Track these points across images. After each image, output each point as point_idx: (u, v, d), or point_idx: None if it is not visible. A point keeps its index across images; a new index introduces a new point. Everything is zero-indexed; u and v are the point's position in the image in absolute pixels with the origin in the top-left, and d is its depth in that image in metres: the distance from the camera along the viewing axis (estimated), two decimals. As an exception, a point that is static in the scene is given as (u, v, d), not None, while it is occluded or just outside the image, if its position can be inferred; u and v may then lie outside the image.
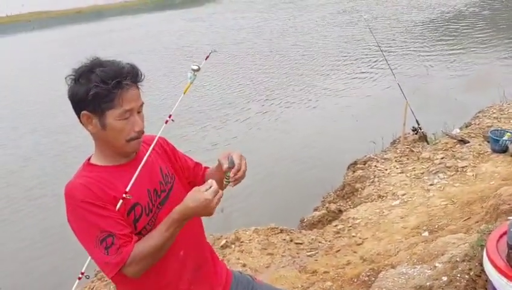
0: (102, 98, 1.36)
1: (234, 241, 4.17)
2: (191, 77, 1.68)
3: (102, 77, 1.35)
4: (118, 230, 1.38)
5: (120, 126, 1.40)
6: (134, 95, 1.41)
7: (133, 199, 1.44)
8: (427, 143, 5.87)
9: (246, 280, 1.80)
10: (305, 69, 12.54)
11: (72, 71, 1.41)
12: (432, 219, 3.99)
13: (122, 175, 1.46)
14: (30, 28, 33.23)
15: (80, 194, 1.37)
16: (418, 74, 10.53)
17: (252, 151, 7.79)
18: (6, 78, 16.61)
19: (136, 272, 1.40)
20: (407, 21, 17.48)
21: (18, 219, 6.56)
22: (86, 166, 1.48)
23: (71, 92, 1.41)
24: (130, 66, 1.42)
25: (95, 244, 1.37)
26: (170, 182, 1.59)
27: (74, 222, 1.41)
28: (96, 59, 1.42)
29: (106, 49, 18.78)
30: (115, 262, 1.37)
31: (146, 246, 1.40)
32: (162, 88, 12.02)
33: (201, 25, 23.32)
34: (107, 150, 1.47)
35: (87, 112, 1.39)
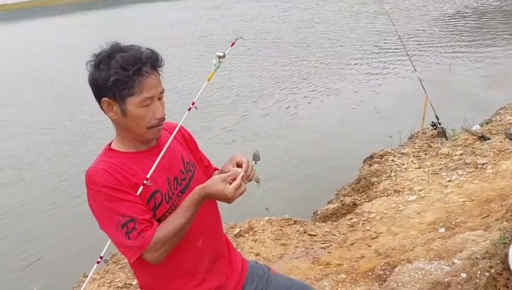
0: (122, 84, 1.34)
1: (248, 231, 4.17)
2: (216, 64, 1.64)
3: (122, 63, 1.33)
4: (139, 215, 1.37)
5: (141, 113, 1.39)
6: (154, 82, 1.39)
7: (153, 186, 1.42)
8: (445, 139, 5.76)
9: (261, 270, 1.78)
10: (328, 59, 12.46)
11: (92, 56, 1.39)
12: (449, 215, 3.92)
13: (143, 162, 1.45)
14: (51, 13, 33.63)
15: (101, 179, 1.36)
16: (441, 68, 10.36)
17: (268, 141, 7.80)
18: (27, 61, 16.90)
19: (157, 257, 1.39)
20: (432, 13, 17.16)
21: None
22: (106, 151, 1.47)
23: (91, 78, 1.39)
24: (149, 51, 1.39)
25: (116, 229, 1.36)
26: (191, 171, 1.57)
27: (95, 206, 1.40)
28: (116, 44, 1.40)
29: (129, 35, 18.94)
30: (136, 247, 1.36)
31: (167, 229, 1.39)
32: (185, 75, 12.08)
33: (224, 13, 23.26)
34: (128, 136, 1.45)
35: (107, 99, 1.38)
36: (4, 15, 37.71)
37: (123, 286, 3.54)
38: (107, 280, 3.61)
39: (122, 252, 1.44)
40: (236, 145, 7.75)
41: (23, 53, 18.81)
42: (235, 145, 7.73)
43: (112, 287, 3.56)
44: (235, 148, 7.57)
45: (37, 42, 21.41)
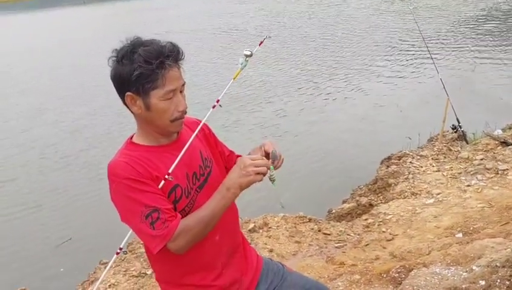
0: (145, 78, 1.35)
1: (262, 226, 4.17)
2: (243, 62, 1.63)
3: (145, 56, 1.34)
4: (162, 205, 1.38)
5: (164, 106, 1.40)
6: (176, 74, 1.40)
7: (174, 181, 1.44)
8: (466, 142, 5.66)
9: (276, 267, 1.79)
10: (351, 57, 12.39)
11: (114, 52, 1.40)
12: (467, 220, 3.86)
13: (164, 155, 1.47)
14: (81, 2, 34.12)
15: (123, 172, 1.38)
16: (464, 70, 10.18)
17: (288, 137, 7.80)
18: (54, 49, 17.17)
19: (182, 247, 1.40)
20: (457, 13, 16.85)
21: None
22: (128, 144, 1.49)
23: (114, 73, 1.40)
24: (171, 44, 1.40)
25: (140, 220, 1.37)
26: (209, 166, 1.59)
27: (118, 199, 1.41)
28: (137, 38, 1.41)
29: (156, 26, 19.27)
30: (161, 235, 1.37)
31: (193, 219, 1.41)
32: (209, 70, 12.10)
33: (249, 7, 23.22)
34: (150, 130, 1.47)
35: (131, 93, 1.39)
36: (31, 3, 38.33)
37: (138, 275, 3.59)
38: (122, 268, 3.66)
39: (146, 242, 1.45)
40: (256, 139, 7.78)
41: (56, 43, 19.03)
42: (254, 140, 7.75)
43: (127, 276, 3.61)
44: (254, 143, 7.59)
45: (66, 32, 21.73)
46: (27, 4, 37.58)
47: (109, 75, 1.42)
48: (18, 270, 5.11)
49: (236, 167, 1.43)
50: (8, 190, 7.06)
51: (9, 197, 6.82)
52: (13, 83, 13.46)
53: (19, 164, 7.83)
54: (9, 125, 9.81)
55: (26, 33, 22.55)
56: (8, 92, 12.55)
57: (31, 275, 4.98)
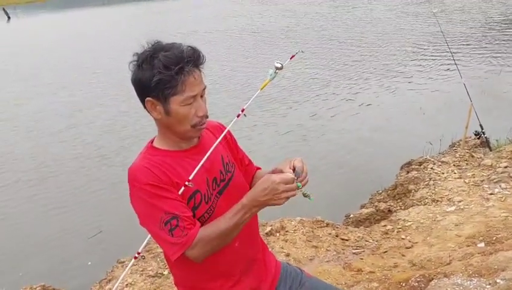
0: (165, 84, 1.35)
1: (279, 230, 4.15)
2: (272, 74, 1.61)
3: (165, 62, 1.33)
4: (181, 212, 1.38)
5: (184, 112, 1.39)
6: (196, 80, 1.39)
7: (193, 187, 1.43)
8: (489, 149, 5.53)
9: (294, 272, 1.77)
10: (376, 60, 12.27)
11: (135, 56, 1.40)
12: (490, 230, 3.76)
13: (185, 161, 1.46)
14: (101, 3, 34.70)
15: (143, 177, 1.37)
16: (490, 74, 9.95)
17: (308, 139, 7.77)
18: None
19: (200, 256, 1.39)
20: (484, 17, 16.50)
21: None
22: (149, 149, 1.49)
23: (134, 78, 1.40)
24: (191, 49, 1.39)
25: (160, 226, 1.37)
26: (231, 171, 1.57)
27: (137, 204, 1.41)
28: (158, 43, 1.40)
29: (182, 27, 19.40)
30: (180, 243, 1.37)
31: (213, 230, 1.40)
32: (235, 74, 12.10)
33: (273, 9, 23.23)
34: (170, 135, 1.46)
35: (151, 99, 1.39)
36: (56, 2, 39.20)
37: (154, 275, 3.61)
38: (139, 267, 3.69)
39: (164, 249, 1.45)
40: (280, 141, 7.82)
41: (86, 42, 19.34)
42: (278, 142, 7.81)
43: (144, 275, 3.63)
44: (277, 145, 7.69)
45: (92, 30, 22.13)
46: (46, 5, 38.49)
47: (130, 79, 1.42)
48: (47, 261, 5.24)
49: (267, 185, 1.36)
50: (49, 184, 7.24)
51: (49, 190, 7.02)
52: (47, 80, 13.63)
53: (62, 160, 8.00)
54: (48, 123, 9.94)
55: (51, 33, 23.01)
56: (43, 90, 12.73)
57: (58, 266, 5.11)
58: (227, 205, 1.47)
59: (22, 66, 15.82)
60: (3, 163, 8.05)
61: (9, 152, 8.52)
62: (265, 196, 1.37)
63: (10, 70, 15.35)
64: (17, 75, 14.45)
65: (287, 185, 1.36)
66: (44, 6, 37.59)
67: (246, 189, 1.55)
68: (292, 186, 1.37)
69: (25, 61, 16.53)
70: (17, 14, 32.58)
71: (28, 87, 12.94)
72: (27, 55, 17.63)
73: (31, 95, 12.09)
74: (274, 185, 1.35)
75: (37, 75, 14.24)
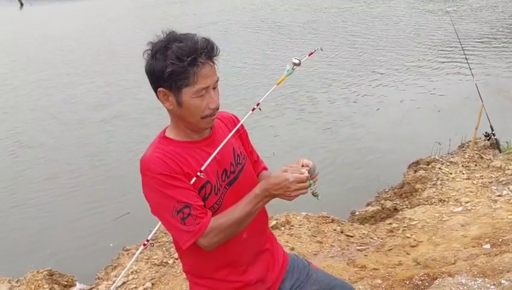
0: (177, 75, 1.35)
1: (284, 224, 4.17)
2: (289, 70, 1.62)
3: (178, 53, 1.33)
4: (194, 201, 1.40)
5: (196, 104, 1.40)
6: (209, 71, 1.39)
7: (205, 177, 1.44)
8: (499, 151, 5.50)
9: (302, 264, 1.79)
10: (387, 57, 12.16)
11: (149, 45, 1.41)
12: (496, 231, 3.75)
13: (196, 152, 1.47)
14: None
15: (156, 167, 1.39)
16: (505, 74, 9.83)
17: (317, 136, 7.76)
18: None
19: (212, 244, 1.42)
20: (499, 14, 16.28)
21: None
22: (161, 138, 1.50)
23: (148, 68, 1.41)
24: (205, 40, 1.39)
25: (172, 215, 1.39)
26: (242, 163, 1.58)
27: (149, 193, 1.43)
28: (172, 33, 1.40)
29: (199, 17, 19.31)
30: (192, 231, 1.39)
31: (225, 219, 1.42)
32: (251, 67, 12.04)
33: (291, 2, 23.15)
34: (182, 126, 1.48)
35: (163, 89, 1.40)
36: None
37: (160, 264, 3.64)
38: (145, 256, 3.73)
39: (176, 237, 1.47)
40: (289, 136, 7.82)
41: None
42: (287, 137, 7.81)
43: (149, 263, 3.67)
44: (285, 139, 7.69)
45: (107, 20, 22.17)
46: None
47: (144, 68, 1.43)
48: (70, 242, 5.33)
49: (279, 181, 1.38)
50: (83, 164, 7.35)
51: (80, 173, 7.11)
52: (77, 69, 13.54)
53: (97, 145, 8.09)
54: (81, 111, 9.92)
55: (67, 21, 23.06)
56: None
57: (78, 247, 5.18)
58: (235, 197, 1.49)
59: (51, 53, 15.77)
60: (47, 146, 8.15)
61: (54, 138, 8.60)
62: (277, 190, 1.40)
63: (38, 57, 15.28)
64: (47, 63, 14.31)
65: (299, 183, 1.38)
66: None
67: (255, 182, 1.56)
68: (304, 185, 1.39)
69: (55, 48, 16.46)
70: (30, 1, 32.72)
71: (61, 74, 12.79)
72: (54, 43, 17.57)
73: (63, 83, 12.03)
74: (287, 183, 1.38)
75: (68, 63, 14.11)
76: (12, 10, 30.09)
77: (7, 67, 14.06)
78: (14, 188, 6.83)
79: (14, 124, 9.26)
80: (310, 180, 1.40)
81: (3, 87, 11.94)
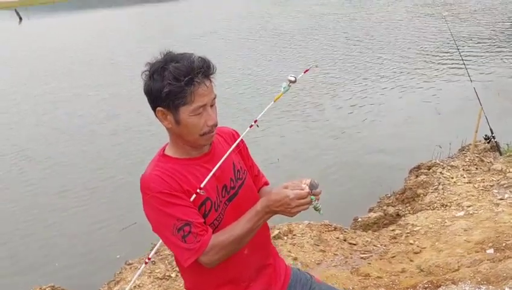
0: (175, 95, 1.38)
1: (287, 234, 4.16)
2: (285, 87, 1.65)
3: (175, 74, 1.36)
4: (194, 219, 1.41)
5: (194, 122, 1.42)
6: (206, 90, 1.41)
7: (204, 194, 1.45)
8: (499, 154, 5.48)
9: (304, 278, 1.78)
10: (385, 62, 12.25)
11: (147, 66, 1.43)
12: (500, 236, 3.73)
13: (195, 169, 1.48)
14: (108, 4, 35.02)
15: (156, 185, 1.41)
16: (502, 77, 9.84)
17: (318, 142, 7.76)
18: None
19: (214, 261, 1.42)
20: (497, 17, 16.35)
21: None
22: (160, 156, 1.51)
23: (146, 88, 1.44)
24: (201, 60, 1.41)
25: (172, 233, 1.40)
26: (242, 178, 1.59)
27: (150, 212, 1.45)
28: (169, 53, 1.43)
29: (201, 26, 19.41)
30: (193, 249, 1.40)
31: (226, 236, 1.42)
32: (250, 78, 12.06)
33: (290, 10, 23.32)
34: (181, 143, 1.49)
35: (162, 108, 1.42)
36: (67, 4, 39.71)
37: (162, 277, 3.63)
38: (147, 269, 3.71)
39: (177, 255, 1.47)
40: (289, 144, 7.83)
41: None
42: (288, 145, 7.81)
43: (152, 277, 3.66)
44: (287, 148, 7.69)
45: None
46: (60, 5, 38.94)
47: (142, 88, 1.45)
48: (78, 255, 5.36)
49: (280, 198, 1.39)
50: (91, 175, 7.45)
51: (90, 179, 7.24)
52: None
53: (107, 150, 8.27)
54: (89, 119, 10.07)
55: (67, 34, 23.17)
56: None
57: (85, 259, 5.22)
58: (236, 212, 1.50)
59: (52, 65, 15.82)
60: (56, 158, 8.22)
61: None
62: (278, 207, 1.41)
63: (42, 69, 15.29)
64: (50, 75, 14.40)
65: (300, 200, 1.39)
66: (54, 8, 38.02)
67: (255, 197, 1.57)
68: (305, 201, 1.40)
69: (55, 61, 16.50)
70: (29, 16, 32.96)
71: (66, 87, 12.84)
72: (51, 56, 17.64)
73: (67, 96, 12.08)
74: (287, 200, 1.39)
75: (71, 75, 14.22)
76: (11, 25, 30.31)
77: (8, 82, 14.12)
78: (22, 203, 6.86)
79: (20, 139, 9.29)
80: (311, 195, 1.40)
81: (6, 102, 11.97)
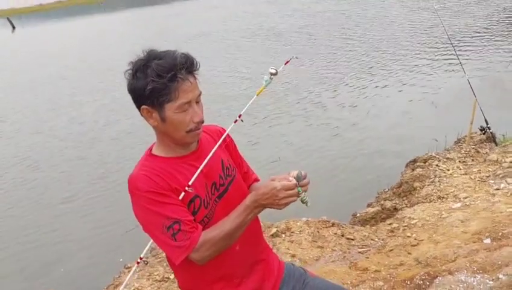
0: (159, 92, 1.37)
1: (285, 231, 4.17)
2: (267, 80, 1.65)
3: (158, 70, 1.36)
4: (183, 216, 1.41)
5: (179, 118, 1.42)
6: (190, 86, 1.41)
7: (193, 191, 1.46)
8: (495, 144, 5.50)
9: (298, 273, 1.79)
10: (379, 58, 12.23)
11: (129, 65, 1.43)
12: (496, 225, 3.74)
13: (183, 167, 1.48)
14: (101, 10, 35.06)
15: (143, 185, 1.41)
16: (496, 68, 9.86)
17: (313, 139, 7.77)
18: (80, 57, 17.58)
19: (204, 258, 1.42)
20: (487, 10, 16.37)
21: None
22: (147, 156, 1.52)
23: (130, 87, 1.43)
24: (184, 56, 1.41)
25: (162, 231, 1.40)
26: (231, 175, 1.59)
27: (140, 211, 1.45)
28: (151, 51, 1.43)
29: (192, 29, 19.42)
30: (183, 247, 1.40)
31: (217, 232, 1.42)
32: (240, 74, 12.10)
33: (282, 8, 23.36)
34: (168, 141, 1.49)
35: (146, 107, 1.42)
36: (59, 11, 39.75)
37: (161, 280, 3.64)
38: (146, 272, 3.72)
39: (168, 253, 1.48)
40: (285, 139, 7.85)
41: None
42: (284, 140, 7.84)
43: (151, 280, 3.67)
44: (283, 143, 7.73)
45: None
46: (52, 13, 38.95)
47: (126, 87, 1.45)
48: (83, 259, 5.43)
49: (267, 190, 1.40)
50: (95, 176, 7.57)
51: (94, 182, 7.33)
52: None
53: (116, 153, 8.32)
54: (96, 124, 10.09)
55: (62, 41, 23.16)
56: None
57: (90, 264, 5.27)
58: (226, 209, 1.50)
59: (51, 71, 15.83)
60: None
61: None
62: (266, 199, 1.41)
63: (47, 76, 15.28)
64: (50, 83, 14.43)
65: (287, 191, 1.39)
66: (47, 15, 38.01)
67: (245, 194, 1.57)
68: (293, 192, 1.40)
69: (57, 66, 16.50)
70: (22, 24, 32.95)
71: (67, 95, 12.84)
72: (51, 63, 17.64)
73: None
74: (275, 191, 1.39)
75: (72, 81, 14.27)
76: (4, 33, 30.31)
77: (6, 91, 14.13)
78: (26, 210, 6.92)
79: (21, 148, 9.30)
80: (298, 187, 1.41)
81: (5, 111, 11.97)
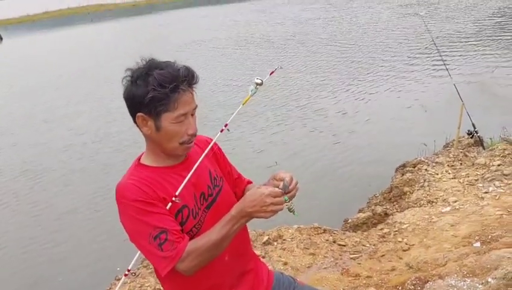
0: (159, 101, 1.38)
1: (276, 239, 4.16)
2: (253, 90, 1.67)
3: (160, 80, 1.36)
4: (170, 226, 1.40)
5: (174, 129, 1.42)
6: (189, 98, 1.42)
7: (180, 202, 1.45)
8: (483, 148, 5.55)
9: (287, 281, 1.79)
10: (365, 64, 12.39)
11: (128, 72, 1.43)
12: (485, 229, 3.78)
13: (172, 177, 1.48)
14: (89, 20, 35.00)
15: (131, 194, 1.40)
16: (483, 73, 10.02)
17: (300, 146, 7.80)
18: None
19: (190, 268, 1.41)
20: (476, 14, 16.66)
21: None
22: (136, 166, 1.51)
23: (127, 93, 1.43)
24: (185, 68, 1.42)
25: (149, 241, 1.39)
26: (219, 186, 1.59)
27: (126, 221, 1.44)
28: (152, 60, 1.43)
29: (182, 39, 19.51)
30: (170, 257, 1.38)
31: (203, 242, 1.41)
32: (230, 82, 12.13)
33: (264, 18, 23.56)
34: (158, 151, 1.49)
35: (143, 114, 1.42)
36: (46, 22, 39.63)
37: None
38: (137, 284, 3.69)
39: (154, 264, 1.46)
40: (274, 147, 7.88)
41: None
42: (272, 147, 7.89)
43: (143, 291, 3.63)
44: (274, 148, 7.80)
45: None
46: (38, 24, 38.81)
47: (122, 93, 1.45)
48: (82, 268, 5.42)
49: (254, 197, 1.39)
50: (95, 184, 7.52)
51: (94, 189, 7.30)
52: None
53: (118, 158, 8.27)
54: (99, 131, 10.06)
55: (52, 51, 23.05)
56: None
57: (88, 273, 5.25)
58: (215, 219, 1.49)
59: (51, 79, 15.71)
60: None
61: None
62: (253, 207, 1.39)
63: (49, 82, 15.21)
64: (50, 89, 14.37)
65: (275, 198, 1.38)
66: (34, 26, 37.84)
67: (233, 203, 1.57)
68: (279, 200, 1.39)
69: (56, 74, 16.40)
70: (9, 35, 32.73)
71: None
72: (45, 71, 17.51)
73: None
74: (262, 198, 1.38)
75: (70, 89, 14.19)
76: (-9, 44, 30.09)
77: (2, 101, 13.98)
78: (26, 220, 6.85)
79: (22, 159, 9.20)
80: (284, 195, 1.40)
81: (4, 123, 11.83)
